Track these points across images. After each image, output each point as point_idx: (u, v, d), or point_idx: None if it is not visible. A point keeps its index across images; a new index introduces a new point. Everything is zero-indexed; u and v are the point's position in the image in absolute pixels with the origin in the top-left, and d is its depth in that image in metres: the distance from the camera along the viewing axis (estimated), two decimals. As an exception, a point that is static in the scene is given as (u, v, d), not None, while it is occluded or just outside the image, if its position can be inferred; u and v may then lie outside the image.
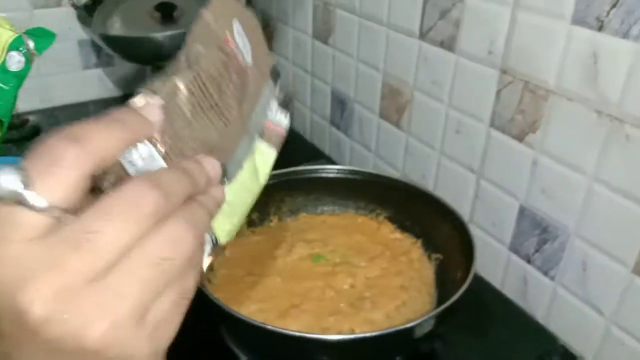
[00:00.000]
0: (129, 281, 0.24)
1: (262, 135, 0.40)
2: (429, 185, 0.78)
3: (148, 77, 1.13)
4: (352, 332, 0.49)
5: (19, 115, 1.11)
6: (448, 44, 0.70)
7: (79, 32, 1.10)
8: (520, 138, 0.63)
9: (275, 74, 0.42)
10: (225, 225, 0.35)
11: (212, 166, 0.30)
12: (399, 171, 0.84)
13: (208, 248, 0.33)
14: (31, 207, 0.23)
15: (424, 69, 0.75)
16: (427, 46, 0.73)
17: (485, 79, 0.66)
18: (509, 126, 0.64)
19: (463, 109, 0.70)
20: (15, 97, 0.68)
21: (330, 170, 0.65)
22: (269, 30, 1.11)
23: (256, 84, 0.38)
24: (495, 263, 0.70)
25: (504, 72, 0.63)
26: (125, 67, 1.21)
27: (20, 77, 0.67)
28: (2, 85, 0.65)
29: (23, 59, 0.65)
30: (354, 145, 0.93)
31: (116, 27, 1.07)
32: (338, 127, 0.97)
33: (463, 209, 0.73)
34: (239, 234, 0.63)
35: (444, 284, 0.56)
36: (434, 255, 0.61)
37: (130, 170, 0.27)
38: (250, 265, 0.57)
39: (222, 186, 0.32)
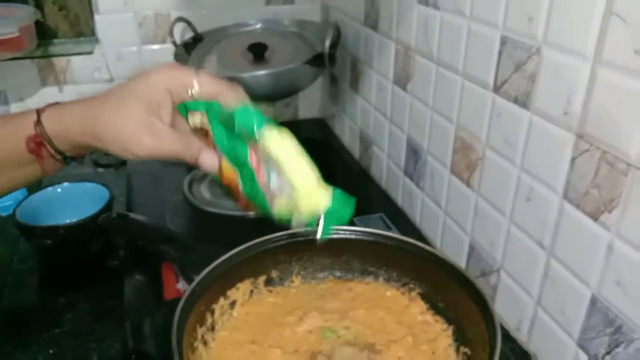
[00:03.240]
0: None
1: None
2: (497, 254, 0.69)
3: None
4: None
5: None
6: (522, 100, 0.61)
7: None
8: (594, 216, 0.53)
9: None
10: None
11: None
12: (468, 234, 0.76)
13: None
14: None
15: (497, 125, 0.67)
16: (500, 101, 0.65)
17: (559, 143, 0.57)
18: (583, 201, 0.55)
19: (535, 175, 0.61)
20: None
21: (361, 233, 0.59)
22: (356, 72, 1.08)
23: None
24: (561, 358, 0.60)
25: (580, 137, 0.54)
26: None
27: None
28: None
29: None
30: (425, 199, 0.86)
31: (211, 67, 1.11)
32: (411, 178, 0.90)
33: (531, 289, 0.64)
34: (254, 292, 0.60)
35: (466, 385, 0.48)
36: (462, 349, 0.52)
37: None
38: (255, 331, 0.53)
39: None
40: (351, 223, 0.68)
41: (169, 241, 0.59)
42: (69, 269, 0.82)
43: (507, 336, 0.67)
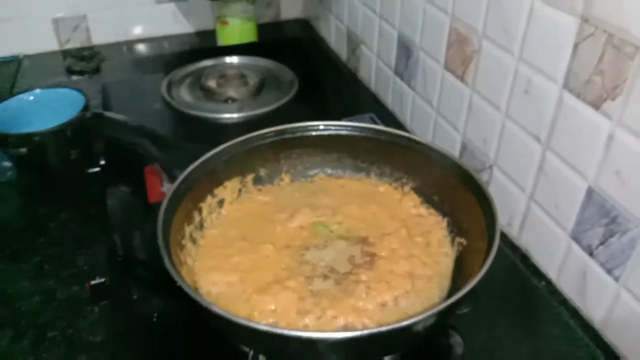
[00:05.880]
0: None
1: None
2: (490, 151, 0.68)
3: (217, 11, 1.08)
4: (334, 319, 0.43)
5: (92, 47, 1.13)
6: (524, -17, 0.57)
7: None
8: (596, 105, 0.51)
9: None
10: None
11: None
12: (460, 133, 0.73)
13: None
14: None
15: (496, 13, 0.63)
16: (500, -15, 0.61)
17: (562, 28, 0.53)
18: (585, 90, 0.52)
19: (534, 65, 0.58)
20: None
21: (352, 128, 0.56)
22: (342, -35, 1.01)
23: None
24: (553, 251, 0.60)
25: (585, 20, 0.51)
26: (198, 3, 1.17)
27: None
28: None
29: None
30: (416, 98, 0.83)
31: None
32: (402, 77, 0.87)
33: (525, 184, 0.62)
34: (242, 190, 0.58)
35: (462, 276, 0.47)
36: (457, 240, 0.51)
37: None
38: (246, 228, 0.52)
39: None
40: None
41: (151, 140, 0.56)
42: (49, 178, 0.80)
43: (498, 232, 0.67)
